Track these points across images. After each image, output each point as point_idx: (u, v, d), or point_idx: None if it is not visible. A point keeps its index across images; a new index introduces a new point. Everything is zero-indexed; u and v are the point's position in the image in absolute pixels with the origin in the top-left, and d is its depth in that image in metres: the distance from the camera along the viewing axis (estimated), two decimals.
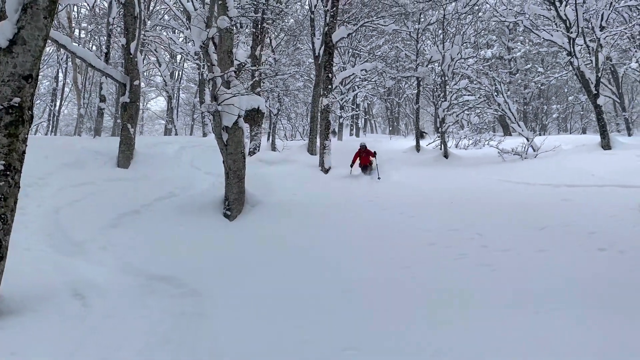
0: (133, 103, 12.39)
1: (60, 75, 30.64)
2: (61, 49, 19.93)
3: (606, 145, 16.69)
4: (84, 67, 25.71)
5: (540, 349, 4.03)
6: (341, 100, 26.32)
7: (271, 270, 6.66)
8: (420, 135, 24.67)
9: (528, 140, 17.32)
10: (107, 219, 8.48)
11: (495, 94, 19.35)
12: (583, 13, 17.05)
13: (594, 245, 6.84)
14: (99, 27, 24.94)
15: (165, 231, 8.23)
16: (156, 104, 57.84)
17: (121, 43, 13.15)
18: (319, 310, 5.27)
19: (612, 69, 26.85)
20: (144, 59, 27.07)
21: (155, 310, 5.49)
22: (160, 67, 28.37)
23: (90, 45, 29.16)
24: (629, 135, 26.53)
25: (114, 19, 18.11)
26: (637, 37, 26.62)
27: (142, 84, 26.36)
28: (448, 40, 20.07)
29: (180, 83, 32.60)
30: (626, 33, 24.05)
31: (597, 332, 4.19)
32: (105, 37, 21.53)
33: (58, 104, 30.47)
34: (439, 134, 20.40)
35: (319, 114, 16.12)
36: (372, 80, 26.46)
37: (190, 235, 8.12)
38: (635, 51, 25.74)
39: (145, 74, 31.79)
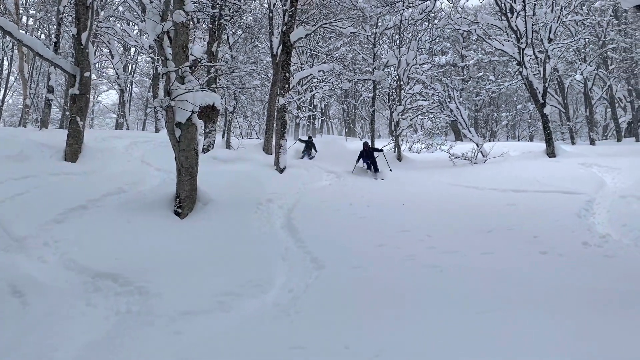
0: (83, 95, 12.00)
1: (5, 63, 29.29)
2: (7, 36, 19.02)
3: (551, 152, 17.41)
4: (32, 55, 24.69)
5: (481, 347, 4.16)
6: (298, 100, 26.31)
7: (220, 269, 6.59)
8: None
9: (478, 145, 17.83)
10: (51, 214, 8.16)
11: (448, 100, 19.84)
12: (533, 25, 17.73)
13: (536, 249, 7.12)
14: (49, 15, 24.00)
15: (112, 228, 8.00)
16: (107, 97, 56.28)
17: (72, 33, 12.65)
18: (263, 312, 5.26)
19: (559, 80, 28.02)
20: (95, 51, 26.24)
21: (99, 309, 5.36)
22: (112, 59, 27.58)
23: (39, 34, 28.01)
24: (573, 144, 27.71)
25: (64, 7, 17.47)
26: (582, 50, 27.89)
27: (93, 76, 25.54)
28: (404, 46, 20.43)
29: (133, 76, 31.78)
30: (572, 46, 25.18)
31: (533, 331, 4.37)
32: (55, 26, 20.74)
33: (2, 93, 29.12)
34: (393, 137, 20.73)
35: (276, 113, 16.05)
36: (330, 81, 26.62)
37: (139, 233, 7.93)
38: (580, 64, 26.96)
39: (96, 65, 30.81)
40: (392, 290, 5.60)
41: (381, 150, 16.70)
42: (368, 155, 15.64)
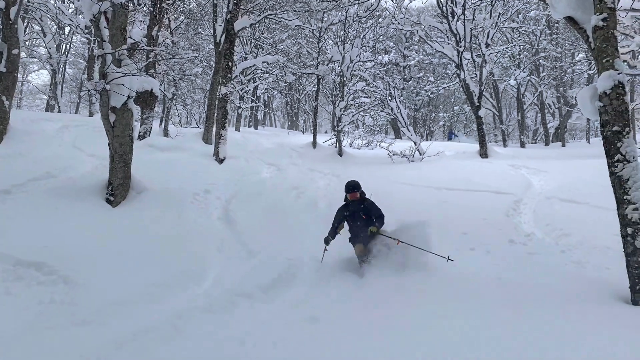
0: (10, 73, 11.31)
1: None
2: None
3: (484, 153, 18.11)
4: None
5: (418, 338, 4.28)
6: (241, 91, 25.96)
7: (152, 259, 6.42)
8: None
9: (416, 144, 18.26)
10: None
11: (389, 98, 20.18)
12: (471, 29, 18.33)
13: (465, 245, 7.41)
14: None
15: (38, 214, 7.60)
16: (38, 77, 53.44)
17: None
18: (195, 304, 5.19)
19: (494, 84, 29.16)
20: (26, 27, 24.84)
21: (20, 298, 5.09)
22: (45, 37, 26.17)
23: None
24: (505, 146, 28.93)
25: None
26: (517, 56, 29.14)
27: (23, 54, 24.12)
28: (349, 42, 20.58)
29: (67, 57, 30.24)
30: (508, 52, 26.25)
31: (460, 322, 4.54)
32: None
33: None
34: (335, 133, 20.87)
35: (217, 102, 15.76)
36: (274, 73, 26.42)
37: (67, 220, 7.57)
38: (515, 70, 28.17)
39: (27, 43, 29.15)
40: (328, 285, 5.66)
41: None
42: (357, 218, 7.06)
